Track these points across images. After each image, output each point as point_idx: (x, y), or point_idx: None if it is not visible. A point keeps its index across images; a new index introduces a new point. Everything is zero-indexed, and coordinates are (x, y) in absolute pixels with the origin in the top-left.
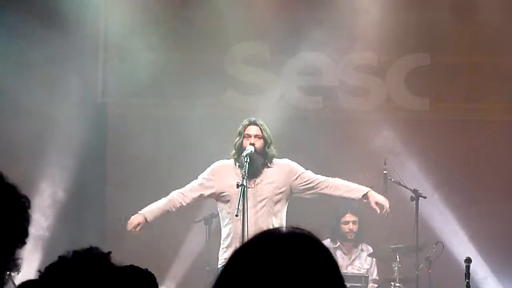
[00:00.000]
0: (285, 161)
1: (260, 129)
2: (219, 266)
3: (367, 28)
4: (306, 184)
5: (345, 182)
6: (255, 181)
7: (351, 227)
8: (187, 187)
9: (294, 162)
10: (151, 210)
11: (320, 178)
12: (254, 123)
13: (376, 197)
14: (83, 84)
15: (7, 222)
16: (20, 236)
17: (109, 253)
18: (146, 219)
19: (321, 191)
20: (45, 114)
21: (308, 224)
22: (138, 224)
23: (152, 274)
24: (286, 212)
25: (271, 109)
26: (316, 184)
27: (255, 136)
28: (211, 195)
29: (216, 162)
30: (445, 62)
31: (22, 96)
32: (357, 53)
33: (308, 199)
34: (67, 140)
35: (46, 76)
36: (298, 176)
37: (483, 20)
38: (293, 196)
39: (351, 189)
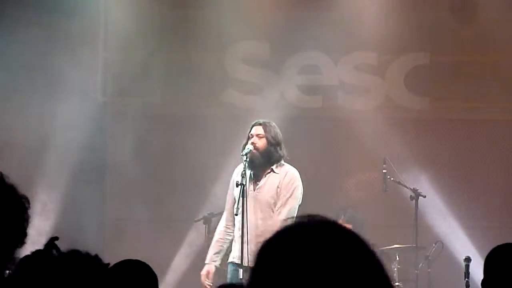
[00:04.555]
0: (291, 170)
1: (263, 128)
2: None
3: (366, 27)
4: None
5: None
6: (257, 184)
7: None
8: (225, 215)
9: (298, 180)
10: (215, 255)
11: (279, 209)
12: (258, 124)
13: None
14: (83, 83)
15: (7, 223)
16: (20, 236)
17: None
18: (215, 266)
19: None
20: (45, 113)
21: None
22: (208, 273)
23: (149, 266)
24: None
25: (271, 108)
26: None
27: (257, 135)
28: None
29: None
30: (445, 61)
31: (22, 95)
32: (356, 52)
33: (305, 201)
34: (67, 138)
35: (45, 75)
36: (282, 189)
37: (483, 19)
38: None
39: None
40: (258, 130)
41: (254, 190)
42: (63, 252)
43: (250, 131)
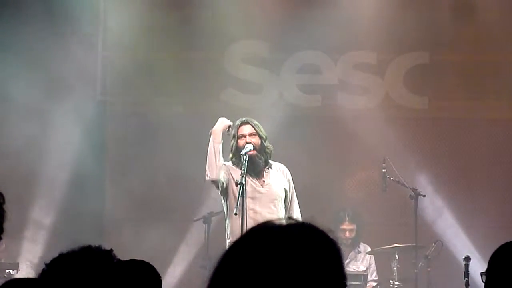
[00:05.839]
0: (282, 165)
1: (253, 127)
2: None
3: (366, 26)
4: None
5: None
6: (263, 181)
7: (348, 235)
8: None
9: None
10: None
11: (291, 204)
12: (245, 123)
13: None
14: (82, 82)
15: None
16: None
17: (111, 250)
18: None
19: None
20: (44, 112)
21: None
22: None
23: (153, 266)
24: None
25: (270, 107)
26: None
27: (250, 134)
28: (220, 183)
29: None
30: (444, 61)
31: (21, 94)
32: (356, 52)
33: (305, 201)
34: (66, 137)
35: (45, 74)
36: (289, 185)
37: (482, 18)
38: None
39: None
40: (248, 129)
41: (262, 186)
42: (78, 249)
43: (238, 131)
